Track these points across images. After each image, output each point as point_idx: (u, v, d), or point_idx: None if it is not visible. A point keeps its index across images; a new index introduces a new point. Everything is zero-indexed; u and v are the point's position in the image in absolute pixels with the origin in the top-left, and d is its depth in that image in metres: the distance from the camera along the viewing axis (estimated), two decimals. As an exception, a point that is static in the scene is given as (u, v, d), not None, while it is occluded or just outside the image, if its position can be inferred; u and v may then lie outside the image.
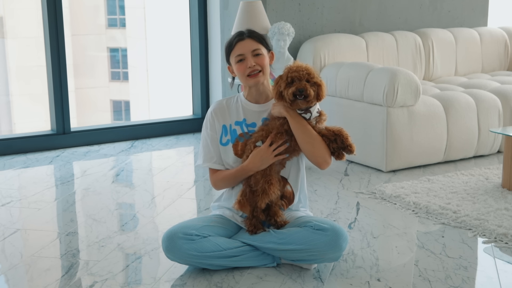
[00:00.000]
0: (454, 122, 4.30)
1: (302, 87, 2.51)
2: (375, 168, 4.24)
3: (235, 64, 2.70)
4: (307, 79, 2.53)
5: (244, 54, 2.67)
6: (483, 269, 2.71)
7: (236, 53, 2.68)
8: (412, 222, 3.27)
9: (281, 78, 2.58)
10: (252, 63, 2.65)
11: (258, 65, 2.67)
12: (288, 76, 2.54)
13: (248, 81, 2.68)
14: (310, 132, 2.59)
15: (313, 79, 2.55)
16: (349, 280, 2.58)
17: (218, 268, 2.64)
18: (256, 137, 2.64)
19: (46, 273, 2.66)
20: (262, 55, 2.68)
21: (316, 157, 2.61)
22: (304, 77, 2.53)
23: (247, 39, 2.68)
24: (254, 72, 2.66)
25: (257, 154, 2.60)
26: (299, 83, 2.52)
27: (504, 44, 5.75)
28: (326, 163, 2.63)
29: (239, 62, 2.68)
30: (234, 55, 2.69)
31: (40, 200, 3.66)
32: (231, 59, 2.71)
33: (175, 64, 11.40)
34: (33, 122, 10.88)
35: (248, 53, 2.67)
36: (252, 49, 2.67)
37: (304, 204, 2.85)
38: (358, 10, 5.24)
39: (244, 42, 2.68)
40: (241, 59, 2.67)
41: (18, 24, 11.42)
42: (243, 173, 2.65)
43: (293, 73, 2.54)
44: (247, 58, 2.67)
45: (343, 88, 4.39)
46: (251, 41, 2.68)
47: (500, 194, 3.60)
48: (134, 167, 4.40)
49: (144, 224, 3.26)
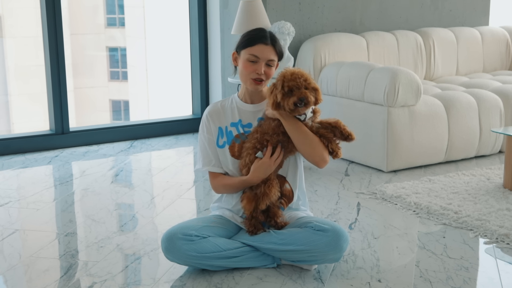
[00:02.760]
0: (455, 122, 4.29)
1: (303, 96, 2.49)
2: (375, 168, 4.22)
3: (245, 60, 2.64)
4: (305, 86, 2.51)
5: (260, 59, 2.63)
6: (484, 270, 2.70)
7: (253, 52, 2.63)
8: (413, 222, 3.26)
9: (276, 87, 2.53)
10: (262, 71, 2.63)
11: (266, 75, 2.65)
12: (285, 85, 2.50)
13: (249, 84, 2.66)
14: (306, 133, 2.59)
15: (311, 85, 2.53)
16: (349, 281, 2.57)
17: (217, 269, 2.63)
18: (253, 142, 2.63)
19: (45, 274, 2.66)
20: (273, 67, 2.67)
21: (314, 156, 2.61)
22: (302, 85, 2.50)
23: (270, 47, 2.64)
24: (258, 79, 2.65)
25: (259, 167, 2.60)
26: (299, 92, 2.49)
27: (505, 43, 5.74)
28: (324, 162, 2.63)
29: (250, 62, 2.64)
30: (249, 53, 2.63)
31: (39, 201, 3.64)
32: (243, 52, 2.65)
33: (174, 64, 11.39)
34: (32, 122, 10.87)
35: (264, 59, 2.63)
36: (269, 58, 2.64)
37: (303, 201, 2.84)
38: (359, 9, 5.23)
39: (266, 47, 2.63)
40: (254, 60, 2.63)
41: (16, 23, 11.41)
42: (246, 184, 2.66)
43: (290, 82, 2.49)
44: (260, 64, 2.63)
45: (344, 88, 4.38)
46: (272, 50, 2.64)
47: (501, 195, 3.58)
48: (133, 167, 4.39)
49: (143, 225, 3.25)
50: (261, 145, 2.61)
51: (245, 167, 2.64)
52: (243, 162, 2.65)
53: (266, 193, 2.58)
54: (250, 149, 2.63)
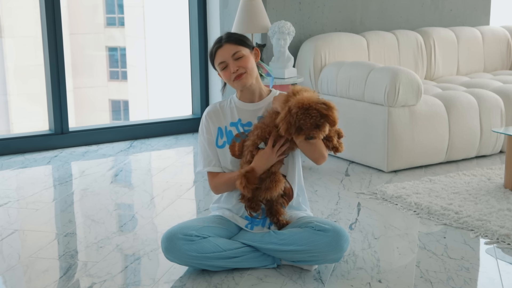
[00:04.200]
0: (456, 122, 4.28)
1: (311, 136, 2.47)
2: (376, 168, 4.21)
3: (220, 72, 2.70)
4: (316, 124, 2.46)
5: (226, 61, 2.66)
6: (485, 270, 2.69)
7: (218, 61, 2.67)
8: (414, 222, 3.25)
9: (290, 113, 2.46)
10: (235, 68, 2.64)
11: (242, 67, 2.64)
12: (296, 121, 2.46)
13: (236, 85, 2.68)
14: None
15: (323, 111, 2.46)
16: (350, 281, 2.56)
17: (217, 269, 2.63)
18: (253, 138, 2.61)
19: (44, 274, 2.65)
20: (244, 56, 2.66)
21: (313, 153, 2.61)
22: (313, 124, 2.46)
23: (225, 45, 2.66)
24: (237, 76, 2.65)
25: (262, 156, 2.59)
26: (308, 132, 2.47)
27: (506, 43, 5.73)
28: (323, 158, 2.64)
29: (223, 69, 2.67)
30: (217, 64, 2.69)
31: (38, 201, 3.64)
32: (216, 67, 2.71)
33: (174, 63, 11.38)
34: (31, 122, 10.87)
35: (229, 58, 2.65)
36: (231, 53, 2.65)
37: (303, 198, 2.83)
38: (359, 9, 5.22)
39: (222, 48, 2.66)
40: (224, 66, 2.67)
41: (16, 23, 11.40)
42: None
43: (301, 121, 2.44)
44: (229, 64, 2.65)
45: (344, 88, 4.37)
46: (229, 45, 2.66)
47: (502, 195, 3.58)
48: (133, 167, 4.38)
49: (143, 225, 3.24)
50: (262, 140, 2.60)
51: (247, 164, 2.62)
52: (244, 159, 2.64)
53: (271, 187, 2.57)
54: (250, 146, 2.62)
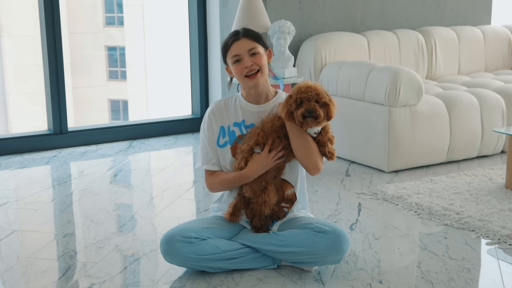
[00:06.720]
0: (457, 122, 4.27)
1: (311, 108, 2.51)
2: (376, 169, 4.20)
3: (232, 65, 2.66)
4: (316, 100, 2.53)
5: (241, 55, 2.63)
6: (486, 271, 2.69)
7: (232, 53, 2.64)
8: (415, 223, 3.24)
9: (291, 97, 2.56)
10: (249, 63, 2.62)
11: (256, 64, 2.63)
12: (297, 97, 2.53)
13: (246, 82, 2.65)
14: (306, 138, 2.58)
15: (322, 100, 2.55)
16: (350, 282, 2.55)
17: (217, 270, 2.62)
18: (250, 144, 2.60)
19: (43, 275, 2.64)
20: (259, 54, 2.64)
21: (308, 162, 2.60)
22: (313, 98, 2.53)
23: (243, 39, 2.64)
24: (251, 73, 2.63)
25: (257, 161, 2.58)
26: (308, 104, 2.52)
27: (507, 42, 5.71)
28: (316, 169, 2.62)
29: (236, 62, 2.64)
30: (230, 56, 2.65)
31: (37, 201, 3.62)
32: (228, 60, 2.68)
33: (174, 63, 11.38)
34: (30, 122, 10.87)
35: (245, 53, 2.62)
36: (248, 48, 2.63)
37: (303, 205, 2.82)
38: (360, 8, 5.21)
39: (239, 42, 2.64)
40: (237, 59, 2.64)
41: (14, 22, 11.40)
42: (242, 179, 2.63)
43: (302, 94, 2.53)
44: (244, 58, 2.63)
45: (345, 87, 4.35)
46: (247, 40, 2.64)
47: (503, 195, 3.56)
48: (132, 168, 4.37)
49: (142, 226, 3.23)
50: (259, 147, 2.61)
51: (239, 170, 2.62)
52: (236, 164, 2.63)
53: (266, 201, 2.60)
54: (246, 152, 2.61)
